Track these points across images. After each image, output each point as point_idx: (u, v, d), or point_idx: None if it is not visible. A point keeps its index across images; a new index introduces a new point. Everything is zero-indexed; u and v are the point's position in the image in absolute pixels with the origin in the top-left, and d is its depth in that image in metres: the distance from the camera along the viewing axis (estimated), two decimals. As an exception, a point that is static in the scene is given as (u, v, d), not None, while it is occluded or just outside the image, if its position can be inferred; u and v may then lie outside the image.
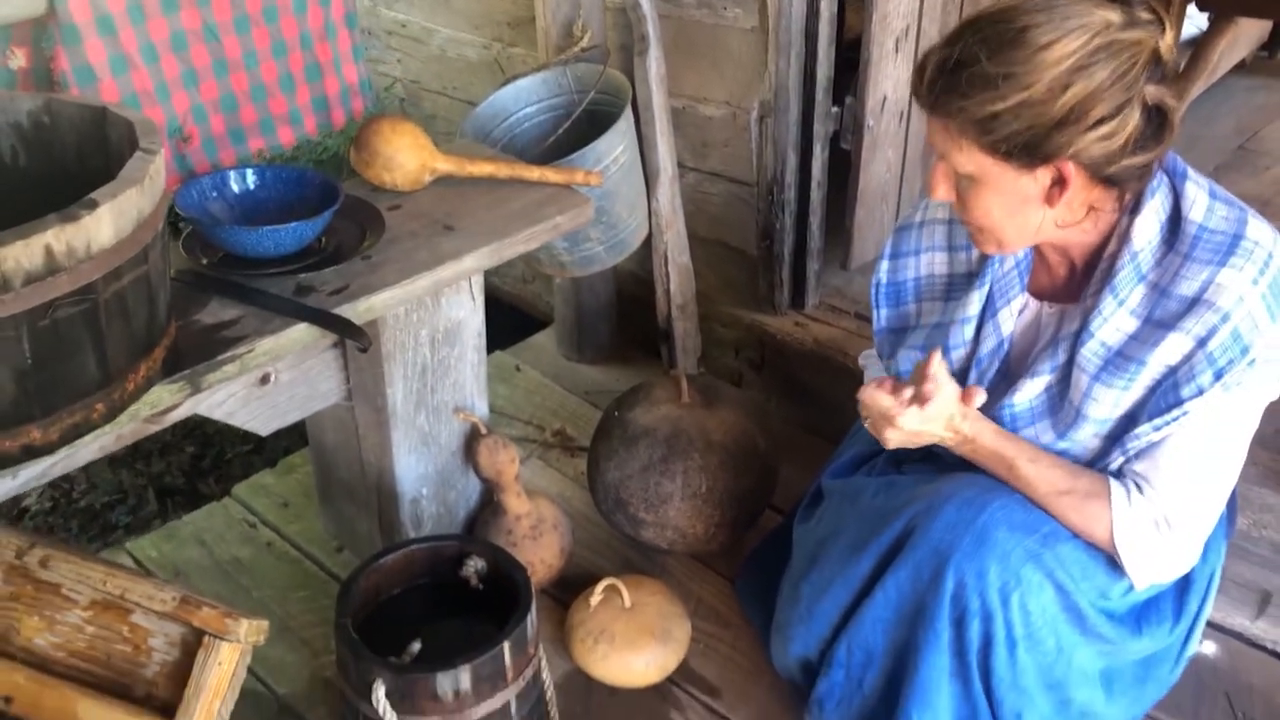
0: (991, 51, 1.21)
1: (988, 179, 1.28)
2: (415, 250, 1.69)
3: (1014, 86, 1.20)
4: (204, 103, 1.68)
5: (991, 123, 1.22)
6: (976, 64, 1.21)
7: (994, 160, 1.26)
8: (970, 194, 1.31)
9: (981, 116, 1.22)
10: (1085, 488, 1.37)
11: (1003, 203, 1.29)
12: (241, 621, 1.24)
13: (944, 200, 1.35)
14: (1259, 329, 1.28)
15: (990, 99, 1.21)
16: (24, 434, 1.22)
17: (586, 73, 2.21)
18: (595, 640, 1.77)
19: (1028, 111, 1.20)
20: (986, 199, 1.30)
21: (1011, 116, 1.21)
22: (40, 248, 1.12)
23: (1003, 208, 1.30)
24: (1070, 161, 1.24)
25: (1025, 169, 1.25)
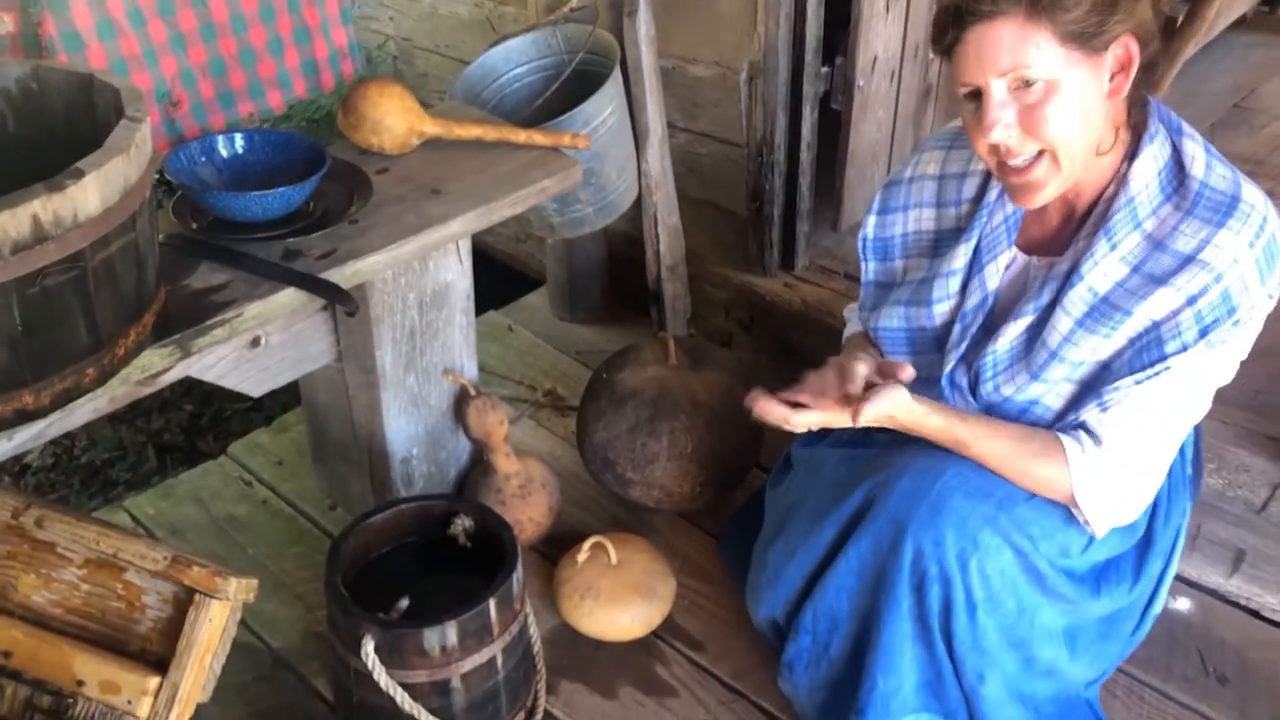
0: None
1: (1063, 78, 1.25)
2: (402, 214, 1.70)
3: None
4: (192, 67, 1.69)
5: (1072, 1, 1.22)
6: None
7: (1068, 51, 1.24)
8: (1043, 108, 1.27)
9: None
10: (1038, 449, 1.40)
11: (1077, 105, 1.27)
12: (230, 580, 1.28)
13: (1002, 138, 1.30)
14: (1248, 291, 1.30)
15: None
16: (16, 399, 1.25)
17: (576, 33, 2.21)
18: (582, 596, 1.82)
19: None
20: (1061, 105, 1.26)
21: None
22: (27, 217, 1.14)
23: (1078, 112, 1.27)
24: (1131, 35, 1.26)
25: (1095, 54, 1.26)
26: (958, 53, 1.29)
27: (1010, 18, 1.24)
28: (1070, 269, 1.38)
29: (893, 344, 1.59)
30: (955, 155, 1.56)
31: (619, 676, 1.79)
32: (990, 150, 1.34)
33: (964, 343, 1.48)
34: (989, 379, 1.44)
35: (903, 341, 1.58)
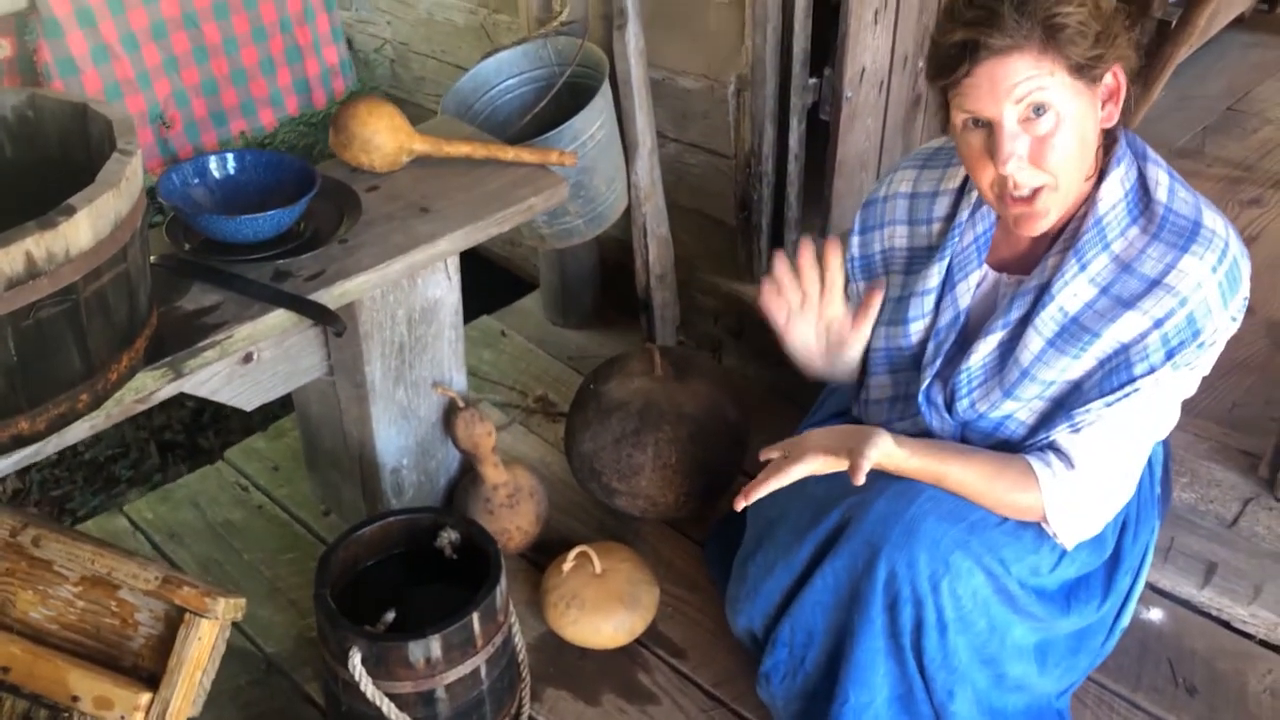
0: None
1: (1068, 108, 1.29)
2: (391, 233, 1.74)
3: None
4: (185, 88, 1.73)
5: (1082, 29, 1.26)
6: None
7: (1072, 80, 1.28)
8: (1051, 139, 1.30)
9: (1077, 23, 1.25)
10: (1011, 483, 1.43)
11: (1077, 135, 1.31)
12: (219, 600, 1.33)
13: (1014, 170, 1.32)
14: (1212, 314, 1.34)
15: (1075, 5, 1.26)
16: (12, 425, 1.29)
17: (567, 46, 2.24)
18: (566, 605, 1.86)
19: (1097, 15, 1.28)
20: (1067, 136, 1.30)
21: (1090, 23, 1.26)
22: (21, 254, 1.18)
23: (1079, 139, 1.31)
24: (1118, 67, 1.32)
25: (1092, 84, 1.30)
26: (966, 85, 1.30)
27: (1025, 51, 1.26)
28: (1040, 287, 1.42)
29: (878, 365, 1.63)
30: (927, 175, 1.60)
31: (602, 684, 1.84)
32: (995, 182, 1.35)
33: (938, 359, 1.52)
34: (964, 395, 1.48)
35: (882, 360, 1.62)
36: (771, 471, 1.43)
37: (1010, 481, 1.43)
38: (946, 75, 1.31)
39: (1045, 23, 1.25)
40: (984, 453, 1.46)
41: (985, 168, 1.34)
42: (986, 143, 1.32)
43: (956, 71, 1.29)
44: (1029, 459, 1.44)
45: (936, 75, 1.34)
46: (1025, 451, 1.46)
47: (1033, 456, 1.45)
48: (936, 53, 1.34)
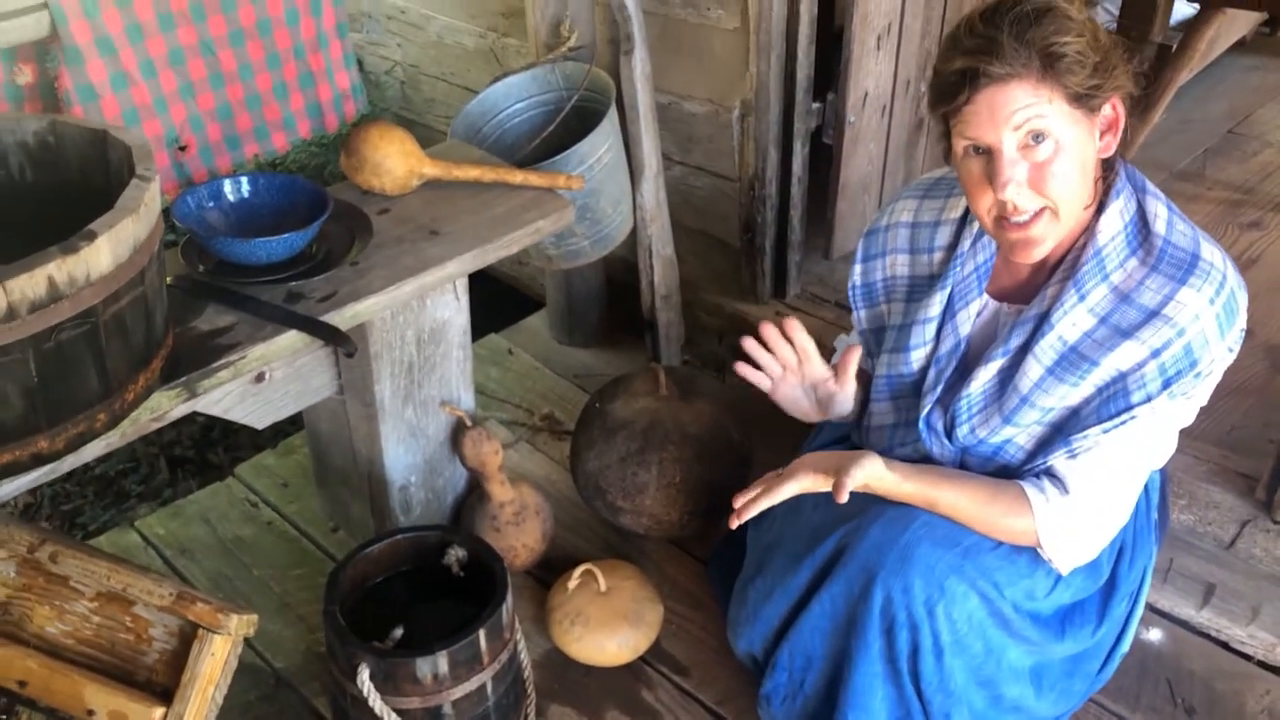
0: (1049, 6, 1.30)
1: (1067, 136, 1.32)
2: (401, 256, 1.78)
3: (1079, 26, 1.31)
4: (201, 113, 1.77)
5: (1081, 59, 1.29)
6: (1053, 10, 1.30)
7: (1071, 109, 1.31)
8: (1049, 166, 1.33)
9: (1076, 52, 1.29)
10: (1004, 509, 1.45)
11: (1076, 163, 1.34)
12: (232, 616, 1.36)
13: (1013, 196, 1.34)
14: (1209, 345, 1.36)
15: (1077, 36, 1.29)
16: (32, 444, 1.33)
17: (574, 70, 2.28)
18: (571, 622, 1.89)
19: (1095, 45, 1.31)
20: (1066, 163, 1.33)
21: (1089, 53, 1.30)
22: (44, 279, 1.22)
23: (1077, 169, 1.34)
24: (1117, 98, 1.35)
25: (1091, 114, 1.33)
26: (967, 112, 1.33)
27: (1024, 79, 1.29)
28: (1040, 316, 1.45)
29: (879, 392, 1.66)
30: (928, 204, 1.63)
31: (606, 700, 1.86)
32: (993, 207, 1.38)
33: (939, 386, 1.55)
34: (964, 421, 1.51)
35: (884, 387, 1.65)
36: (763, 490, 1.46)
37: (1004, 507, 1.45)
38: (948, 102, 1.34)
39: (1044, 52, 1.28)
40: (977, 478, 1.48)
41: (985, 193, 1.37)
42: (986, 169, 1.35)
43: (957, 99, 1.32)
44: (1023, 484, 1.47)
45: (938, 102, 1.37)
46: (1021, 477, 1.48)
47: (1027, 482, 1.47)
48: (938, 80, 1.37)
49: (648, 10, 2.28)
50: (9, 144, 1.52)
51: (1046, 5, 1.30)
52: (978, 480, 1.48)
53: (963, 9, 2.55)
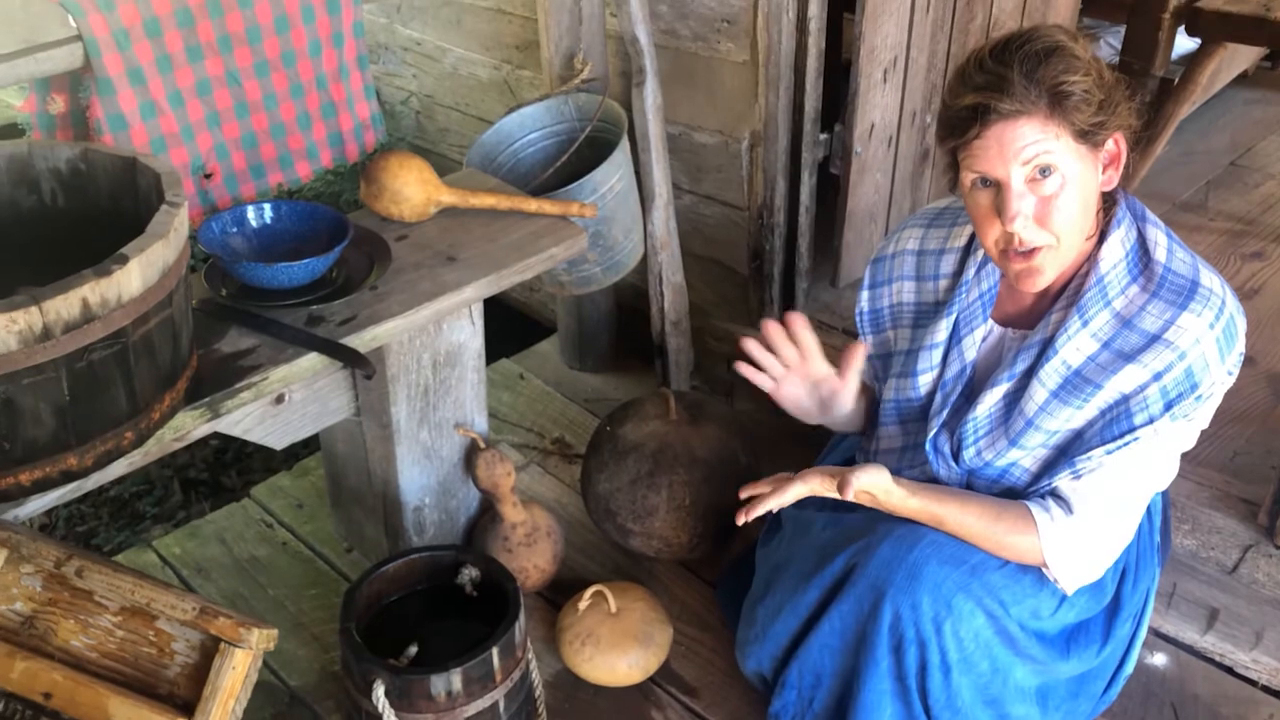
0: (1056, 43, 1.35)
1: (1072, 171, 1.36)
2: (419, 281, 1.82)
3: (1086, 64, 1.35)
4: (226, 141, 1.81)
5: (1088, 96, 1.34)
6: (1061, 49, 1.34)
7: (1076, 144, 1.35)
8: (1055, 200, 1.37)
9: (1083, 90, 1.33)
10: (1010, 526, 1.48)
11: (1080, 197, 1.38)
12: (253, 630, 1.39)
13: (1020, 228, 1.38)
14: (1209, 368, 1.40)
15: (1084, 74, 1.34)
16: (62, 461, 1.36)
17: (587, 102, 2.33)
18: (582, 643, 1.91)
19: (1100, 83, 1.36)
20: (1069, 197, 1.37)
21: (1094, 91, 1.34)
22: (78, 300, 1.26)
23: (1081, 201, 1.38)
24: (1119, 134, 1.40)
25: (1094, 149, 1.38)
26: (976, 146, 1.36)
27: (1033, 116, 1.33)
28: (1044, 342, 1.48)
29: (887, 416, 1.69)
30: (933, 233, 1.67)
31: (616, 720, 1.89)
32: (1000, 239, 1.42)
33: (945, 409, 1.58)
34: (970, 444, 1.54)
35: (891, 411, 1.68)
36: (773, 489, 1.49)
37: (1009, 525, 1.48)
38: (957, 136, 1.38)
39: (1052, 90, 1.32)
40: (983, 497, 1.51)
41: (992, 224, 1.41)
42: (994, 201, 1.39)
43: (967, 134, 1.36)
44: (1029, 504, 1.50)
45: (947, 136, 1.41)
46: (1027, 498, 1.51)
47: (1032, 502, 1.50)
48: (947, 115, 1.40)
49: (659, 44, 2.34)
50: (42, 170, 1.57)
51: (1054, 44, 1.34)
52: (984, 499, 1.51)
53: (967, 44, 2.60)
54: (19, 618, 1.46)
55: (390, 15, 3.09)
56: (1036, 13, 2.83)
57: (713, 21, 2.30)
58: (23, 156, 1.55)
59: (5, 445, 1.31)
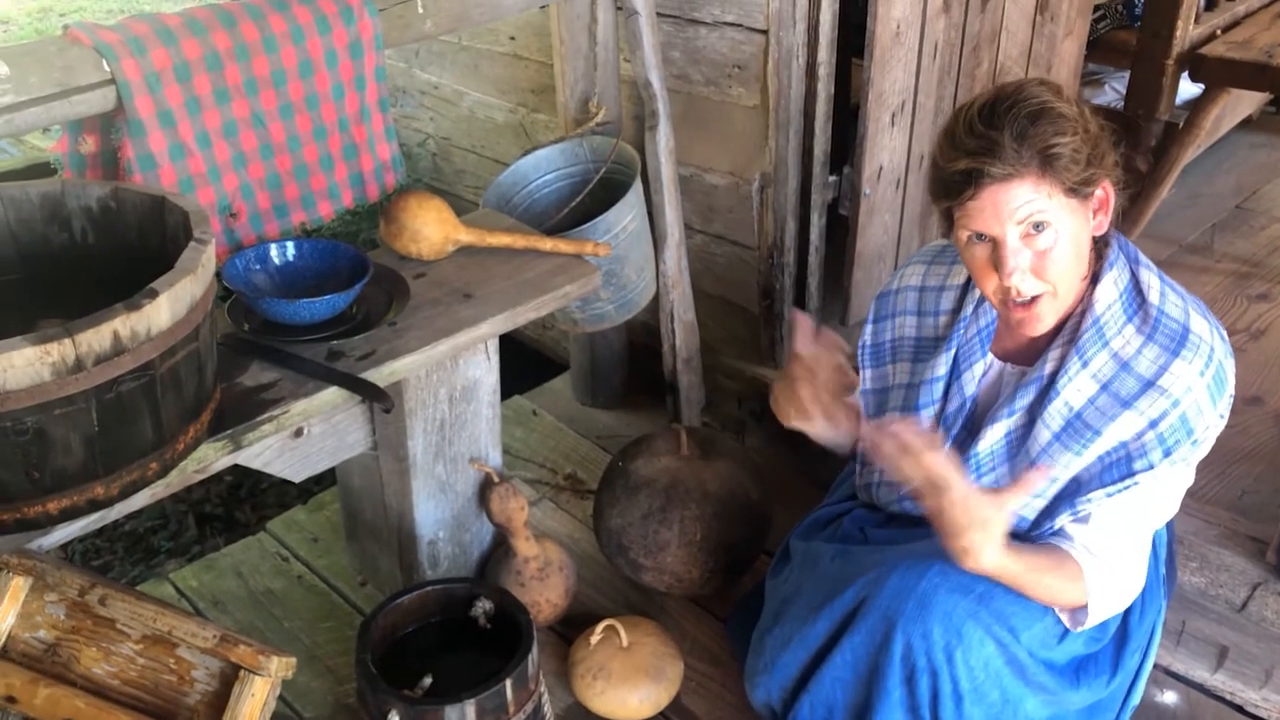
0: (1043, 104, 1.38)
1: (1065, 224, 1.40)
2: (436, 317, 1.86)
3: (1074, 122, 1.39)
4: (251, 181, 1.86)
5: (1076, 155, 1.37)
6: (1049, 112, 1.38)
7: (1067, 199, 1.40)
8: (1051, 253, 1.41)
9: (1072, 150, 1.37)
10: (1069, 571, 1.48)
11: (1073, 247, 1.42)
12: (272, 659, 1.41)
13: (1018, 283, 1.42)
14: (1202, 414, 1.44)
15: (1072, 134, 1.37)
16: (90, 490, 1.40)
17: (601, 144, 2.39)
18: (594, 677, 1.93)
19: (1088, 139, 1.40)
20: (1064, 249, 1.41)
21: (1082, 147, 1.38)
22: (109, 333, 1.30)
23: (1073, 252, 1.43)
24: (1106, 182, 1.44)
25: (1084, 200, 1.42)
26: (971, 207, 1.40)
27: (1024, 178, 1.37)
28: (1045, 382, 1.51)
29: None
30: (935, 270, 1.71)
31: (627, 754, 1.89)
32: (998, 290, 1.46)
33: (947, 444, 1.61)
34: (974, 480, 1.56)
35: None
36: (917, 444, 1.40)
37: (1069, 571, 1.48)
38: (952, 198, 1.42)
39: (1043, 153, 1.37)
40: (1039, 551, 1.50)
41: (990, 277, 1.45)
42: (991, 255, 1.43)
43: (961, 195, 1.40)
44: (1065, 549, 1.50)
45: (942, 197, 1.45)
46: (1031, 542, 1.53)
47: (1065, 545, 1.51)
48: (940, 176, 1.44)
49: (672, 88, 2.40)
50: (73, 208, 1.62)
51: (1041, 105, 1.38)
52: (1041, 552, 1.49)
53: (974, 89, 2.66)
54: (43, 645, 1.49)
55: (409, 60, 3.17)
56: (1042, 59, 2.89)
57: (724, 67, 2.36)
58: (55, 195, 1.60)
59: (35, 474, 1.35)
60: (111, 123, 1.71)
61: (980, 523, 1.36)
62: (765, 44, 2.26)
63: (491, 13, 2.09)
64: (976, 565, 1.39)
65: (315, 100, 1.89)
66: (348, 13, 1.86)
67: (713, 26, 2.34)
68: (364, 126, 1.98)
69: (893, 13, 2.29)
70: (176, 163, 1.75)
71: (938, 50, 2.49)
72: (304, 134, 1.90)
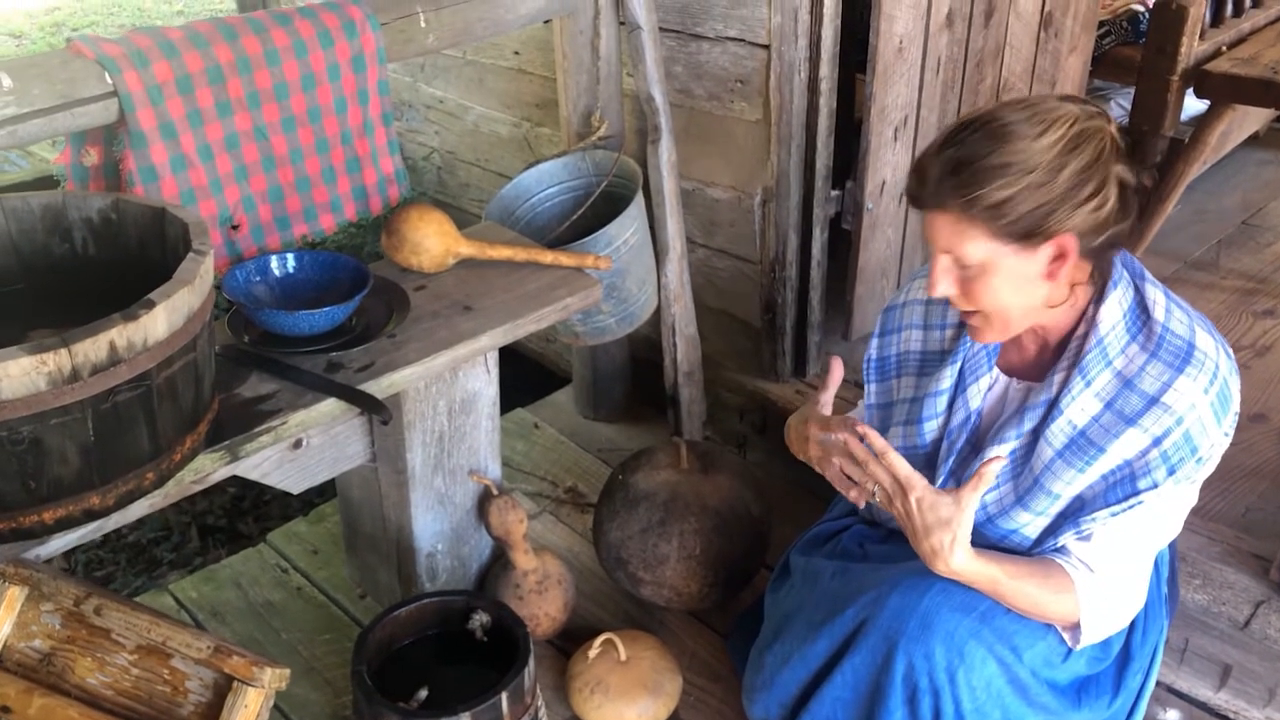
0: (994, 145, 1.34)
1: (994, 265, 1.38)
2: (436, 329, 1.86)
3: (1021, 170, 1.33)
4: (253, 194, 1.87)
5: (1005, 206, 1.33)
6: (983, 157, 1.34)
7: (1001, 244, 1.37)
8: (978, 283, 1.41)
9: (994, 202, 1.33)
10: (1057, 581, 1.48)
11: (1010, 285, 1.40)
12: (266, 670, 1.41)
13: (945, 295, 1.45)
14: (1206, 432, 1.42)
15: (1003, 185, 1.33)
16: (85, 500, 1.40)
17: (604, 158, 2.39)
18: (591, 691, 1.92)
19: (1036, 192, 1.33)
20: (995, 284, 1.40)
21: (1022, 198, 1.33)
22: (105, 343, 1.30)
23: (1009, 290, 1.41)
24: (1069, 234, 1.37)
25: (1030, 248, 1.37)
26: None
27: (946, 214, 1.37)
28: (1049, 402, 1.50)
29: None
30: None
31: (624, 769, 1.88)
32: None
33: (951, 457, 1.60)
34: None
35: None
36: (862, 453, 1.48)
37: (1057, 582, 1.47)
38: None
39: (963, 200, 1.35)
40: (1024, 560, 1.51)
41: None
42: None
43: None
44: (1058, 561, 1.50)
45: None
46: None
47: (1059, 559, 1.50)
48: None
49: (674, 102, 2.41)
50: (75, 220, 1.63)
51: (982, 151, 1.34)
52: (1027, 562, 1.50)
53: (978, 103, 2.66)
54: (38, 654, 1.49)
55: (414, 74, 3.18)
56: (1046, 75, 2.89)
57: (727, 81, 2.36)
58: (57, 206, 1.61)
59: (31, 484, 1.35)
60: (114, 135, 1.72)
61: (942, 522, 1.41)
62: (767, 59, 2.27)
63: (494, 27, 2.11)
64: (947, 567, 1.42)
65: (318, 113, 1.90)
66: (350, 26, 1.87)
67: (715, 41, 2.35)
68: (367, 140, 1.99)
69: (895, 28, 2.30)
70: (178, 174, 1.76)
71: (941, 65, 2.49)
72: (306, 147, 1.91)
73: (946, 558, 1.41)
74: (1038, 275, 1.40)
